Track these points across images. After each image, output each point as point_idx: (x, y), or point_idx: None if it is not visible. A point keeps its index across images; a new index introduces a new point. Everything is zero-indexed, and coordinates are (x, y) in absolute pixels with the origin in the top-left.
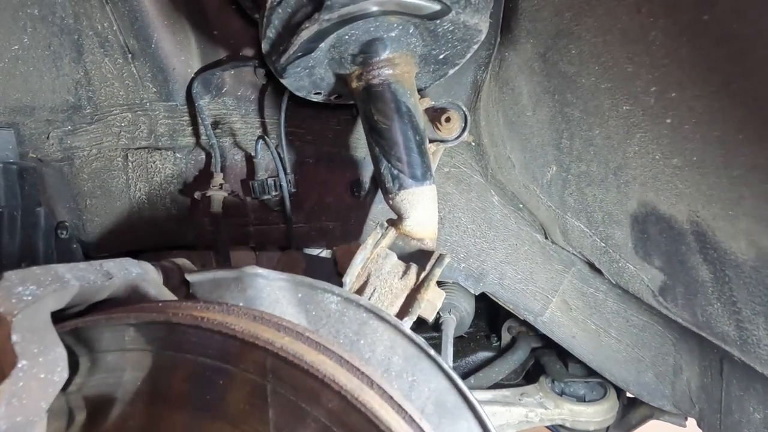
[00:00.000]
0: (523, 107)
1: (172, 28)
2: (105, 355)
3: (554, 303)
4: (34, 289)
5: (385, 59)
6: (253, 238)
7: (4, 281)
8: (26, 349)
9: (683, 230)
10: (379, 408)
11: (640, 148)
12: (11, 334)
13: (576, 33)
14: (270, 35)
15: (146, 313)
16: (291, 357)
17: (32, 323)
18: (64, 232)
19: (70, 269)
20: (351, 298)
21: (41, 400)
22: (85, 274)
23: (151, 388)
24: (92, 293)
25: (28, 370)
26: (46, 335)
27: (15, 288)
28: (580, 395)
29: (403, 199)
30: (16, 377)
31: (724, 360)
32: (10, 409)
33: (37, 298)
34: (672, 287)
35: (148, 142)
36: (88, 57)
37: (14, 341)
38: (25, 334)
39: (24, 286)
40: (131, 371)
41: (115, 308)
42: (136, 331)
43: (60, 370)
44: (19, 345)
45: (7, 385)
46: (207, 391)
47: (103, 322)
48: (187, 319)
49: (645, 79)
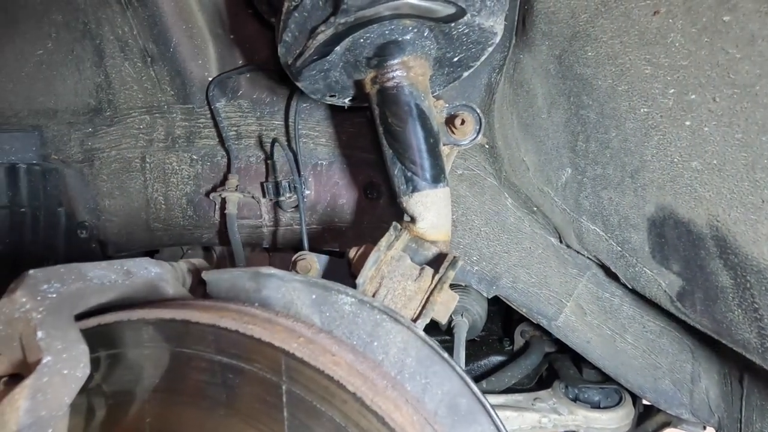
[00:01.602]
0: (538, 109)
1: (189, 32)
2: (124, 353)
3: (568, 307)
4: (59, 287)
5: (400, 62)
6: (266, 239)
7: (30, 279)
8: (51, 346)
9: (702, 235)
10: (393, 410)
11: (657, 151)
12: (36, 331)
13: (592, 35)
14: (286, 39)
15: (165, 311)
16: (306, 357)
17: (56, 320)
18: (84, 232)
19: (93, 268)
20: (365, 300)
21: (65, 395)
22: (107, 273)
23: (169, 385)
24: (113, 292)
25: (52, 365)
26: (70, 332)
27: (40, 285)
28: (595, 401)
29: (417, 201)
30: (41, 372)
31: (745, 368)
32: (35, 403)
33: (61, 296)
34: (690, 293)
35: (166, 144)
36: (109, 61)
37: (39, 338)
38: (50, 330)
39: (48, 284)
40: (149, 368)
41: (135, 306)
42: (155, 329)
43: (83, 366)
44: (44, 341)
45: (33, 380)
46: (223, 389)
47: (124, 320)
48: (205, 318)
49: (663, 81)
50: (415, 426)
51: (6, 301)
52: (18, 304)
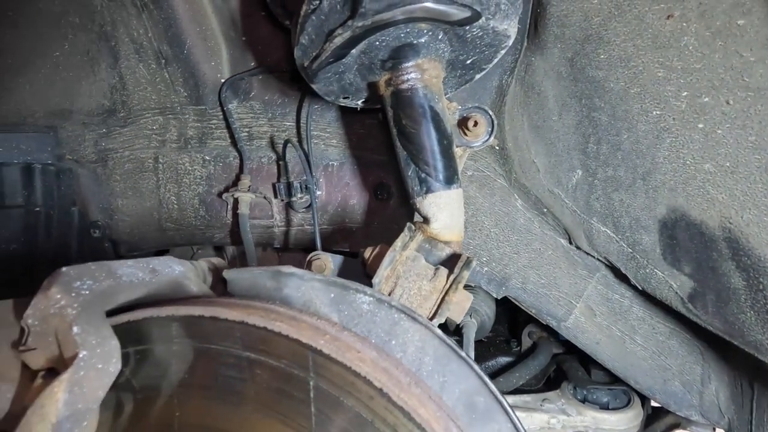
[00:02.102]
0: (549, 111)
1: (203, 34)
2: (153, 348)
3: (578, 308)
4: (91, 284)
5: (415, 65)
6: (277, 240)
7: (64, 276)
8: (86, 341)
9: (715, 236)
10: (418, 405)
11: (670, 153)
12: (72, 327)
13: (605, 38)
14: (303, 41)
15: (193, 308)
16: (333, 354)
17: (90, 316)
18: (97, 231)
19: (121, 266)
20: (383, 299)
21: (99, 389)
22: (135, 270)
23: (197, 380)
24: (140, 289)
25: (88, 360)
26: (102, 328)
27: (73, 282)
28: (603, 402)
29: (431, 202)
30: (78, 367)
31: (756, 369)
32: (73, 396)
33: (94, 293)
34: (702, 294)
35: (178, 145)
36: (124, 63)
37: (75, 333)
38: (84, 326)
39: (81, 281)
40: (177, 364)
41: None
42: (183, 325)
43: (115, 361)
44: (80, 336)
45: (70, 374)
46: (251, 385)
47: (152, 316)
48: (233, 315)
49: (676, 84)
50: (439, 422)
51: (41, 297)
52: (53, 301)
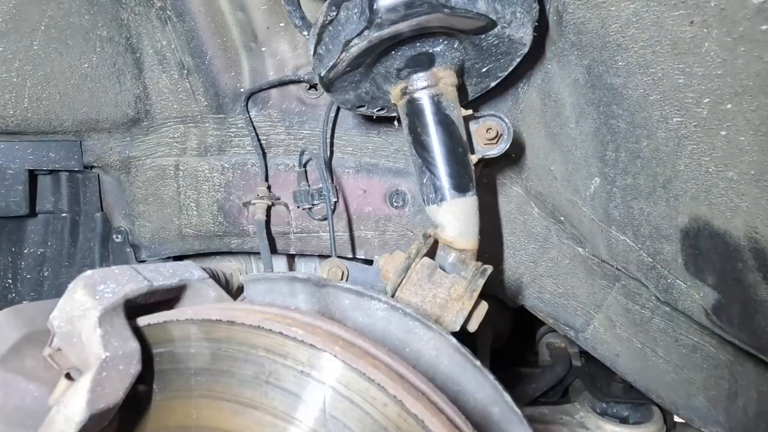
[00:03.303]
0: (566, 119)
1: (224, 45)
2: (171, 351)
3: (597, 319)
4: (114, 287)
5: (430, 73)
6: (293, 246)
7: (89, 279)
8: (109, 342)
9: (740, 247)
10: (432, 414)
11: (691, 161)
12: (96, 328)
13: (623, 44)
14: (320, 51)
15: (211, 312)
16: (348, 360)
17: (113, 319)
18: (119, 236)
19: (143, 270)
20: (397, 306)
21: (120, 389)
22: (155, 275)
23: (214, 383)
24: (161, 293)
25: (110, 361)
26: (124, 330)
27: (98, 285)
28: (624, 416)
29: (446, 210)
30: (102, 368)
31: None
32: (96, 396)
33: (117, 296)
34: (727, 306)
35: (198, 153)
36: (148, 73)
37: (99, 335)
38: (108, 328)
39: (105, 284)
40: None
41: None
42: (201, 329)
43: (135, 363)
44: (104, 338)
45: (94, 375)
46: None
47: (172, 320)
48: (250, 319)
49: (697, 91)
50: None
51: (67, 300)
52: (78, 303)
